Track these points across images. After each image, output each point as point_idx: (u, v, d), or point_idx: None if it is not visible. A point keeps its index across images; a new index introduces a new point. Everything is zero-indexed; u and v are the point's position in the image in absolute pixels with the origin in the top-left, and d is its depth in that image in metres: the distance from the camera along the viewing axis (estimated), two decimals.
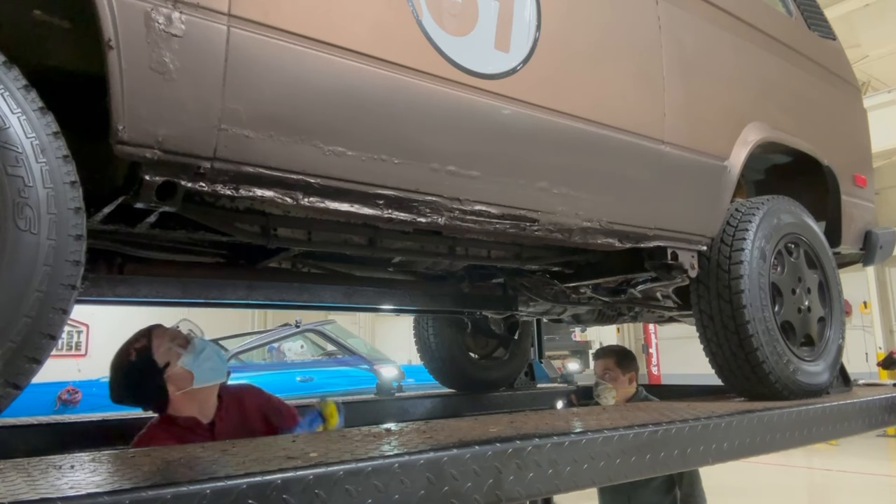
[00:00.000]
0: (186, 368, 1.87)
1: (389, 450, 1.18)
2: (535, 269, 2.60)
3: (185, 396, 1.87)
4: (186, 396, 1.88)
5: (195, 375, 1.88)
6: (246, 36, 1.25)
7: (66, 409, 6.03)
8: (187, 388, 1.87)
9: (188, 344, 1.91)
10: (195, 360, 1.88)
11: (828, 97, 2.91)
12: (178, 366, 1.86)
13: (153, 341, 1.87)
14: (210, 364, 1.92)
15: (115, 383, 1.87)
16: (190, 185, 1.23)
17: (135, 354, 1.85)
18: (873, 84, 12.55)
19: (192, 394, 1.88)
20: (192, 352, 1.89)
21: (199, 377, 1.89)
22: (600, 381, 3.23)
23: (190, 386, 1.87)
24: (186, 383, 1.87)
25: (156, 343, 1.87)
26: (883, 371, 9.68)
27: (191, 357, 1.88)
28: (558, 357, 11.52)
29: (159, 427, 1.89)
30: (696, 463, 1.64)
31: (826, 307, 2.45)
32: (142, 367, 1.83)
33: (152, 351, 1.85)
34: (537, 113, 1.73)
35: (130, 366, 1.84)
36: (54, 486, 0.90)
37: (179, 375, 1.86)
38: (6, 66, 1.02)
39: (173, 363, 1.86)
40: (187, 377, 1.87)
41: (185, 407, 1.88)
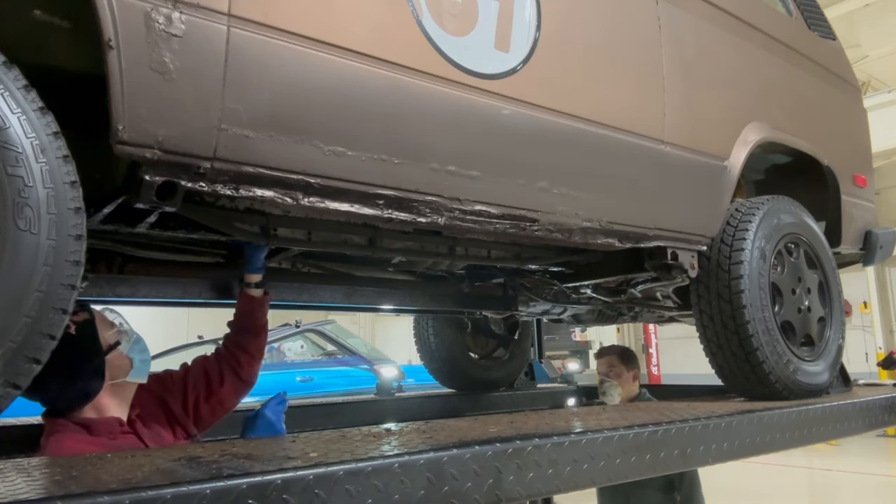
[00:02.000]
0: (127, 356, 1.62)
1: (389, 450, 1.18)
2: (535, 269, 2.60)
3: (114, 389, 1.60)
4: (116, 389, 1.61)
5: (134, 366, 1.63)
6: (246, 36, 1.25)
7: None
8: (122, 379, 1.61)
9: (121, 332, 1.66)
10: (134, 349, 1.65)
11: (828, 97, 2.91)
12: (119, 351, 1.61)
13: (97, 318, 1.61)
14: (145, 357, 1.67)
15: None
16: (190, 185, 1.23)
17: (74, 328, 1.52)
18: (873, 84, 12.56)
19: (121, 387, 1.62)
20: (130, 340, 1.65)
21: (137, 369, 1.64)
22: (605, 379, 3.21)
23: (125, 377, 1.62)
24: (123, 373, 1.61)
25: (101, 320, 1.61)
26: (883, 371, 9.69)
27: (129, 345, 1.64)
28: (558, 357, 11.53)
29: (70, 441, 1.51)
30: (696, 463, 1.64)
31: (826, 307, 2.45)
32: (84, 343, 1.54)
33: (98, 328, 1.59)
34: (537, 113, 1.73)
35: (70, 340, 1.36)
36: (54, 486, 0.90)
37: (117, 363, 1.60)
38: (6, 66, 1.02)
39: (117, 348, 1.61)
40: (125, 366, 1.62)
41: (107, 404, 1.59)
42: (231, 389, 1.91)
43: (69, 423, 1.55)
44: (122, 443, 1.56)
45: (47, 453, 1.50)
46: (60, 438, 1.52)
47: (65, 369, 1.50)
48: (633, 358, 3.30)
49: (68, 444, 1.50)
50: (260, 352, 1.98)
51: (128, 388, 1.66)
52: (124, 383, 1.63)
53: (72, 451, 1.45)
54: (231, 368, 1.91)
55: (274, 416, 1.83)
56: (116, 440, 1.56)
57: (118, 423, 1.60)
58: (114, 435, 1.57)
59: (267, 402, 1.86)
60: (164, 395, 1.80)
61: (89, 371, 1.56)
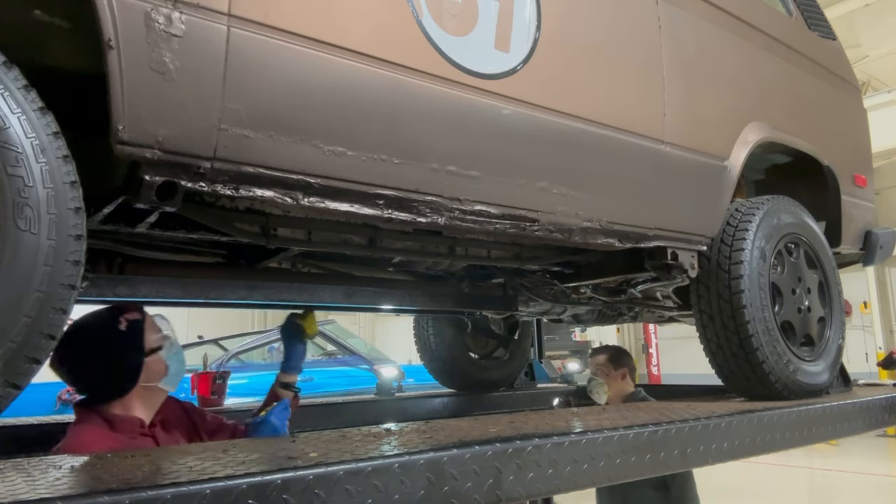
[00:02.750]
0: (165, 363, 1.69)
1: (389, 450, 1.18)
2: (535, 269, 2.60)
3: (144, 392, 1.66)
4: (145, 392, 1.66)
5: (168, 373, 1.70)
6: (246, 36, 1.25)
7: (66, 409, 6.03)
8: (154, 384, 1.67)
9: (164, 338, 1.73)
10: (172, 358, 1.71)
11: (828, 97, 2.91)
12: (160, 356, 1.68)
13: (147, 321, 1.69)
14: (180, 368, 1.74)
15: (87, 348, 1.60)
16: (190, 185, 1.23)
17: (125, 325, 1.63)
18: (873, 84, 12.56)
19: (151, 391, 1.68)
20: (171, 349, 1.72)
21: (170, 377, 1.71)
22: (593, 378, 3.25)
23: (157, 382, 1.67)
24: (157, 378, 1.67)
25: (149, 323, 1.69)
26: (883, 371, 9.69)
27: (170, 353, 1.71)
28: (558, 357, 11.51)
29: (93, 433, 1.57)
30: (697, 463, 1.64)
31: (826, 307, 2.45)
32: (130, 340, 1.63)
33: (145, 330, 1.67)
34: (537, 113, 1.73)
35: (117, 334, 1.61)
36: (54, 486, 0.90)
37: (155, 367, 1.66)
38: (6, 66, 1.02)
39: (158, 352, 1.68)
40: (161, 371, 1.68)
41: (137, 405, 1.64)
42: None
43: (96, 415, 1.61)
44: (139, 443, 1.60)
45: (68, 441, 1.56)
46: (83, 429, 1.59)
47: (106, 362, 1.60)
48: (623, 358, 3.30)
49: (89, 435, 1.55)
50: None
51: (157, 394, 1.71)
52: (155, 388, 1.68)
53: (90, 442, 1.51)
54: None
55: (279, 421, 1.84)
56: (135, 440, 1.61)
57: (139, 424, 1.65)
58: (133, 435, 1.62)
59: (272, 408, 1.88)
60: (196, 419, 1.88)
61: (128, 368, 1.62)
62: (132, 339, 1.64)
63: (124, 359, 1.62)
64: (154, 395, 1.70)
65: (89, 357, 1.61)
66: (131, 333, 1.64)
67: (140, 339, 1.65)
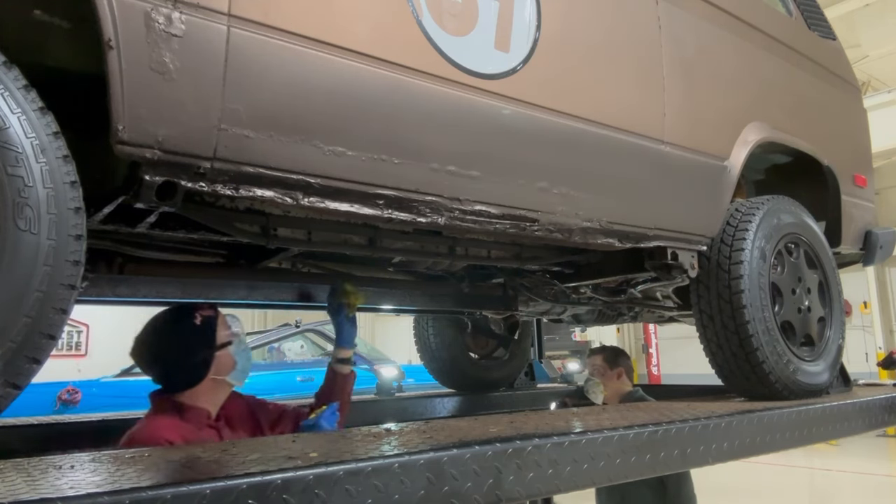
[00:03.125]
0: (234, 358, 1.80)
1: (389, 450, 1.18)
2: (535, 269, 2.60)
3: (213, 384, 1.78)
4: (214, 385, 1.78)
5: (236, 368, 1.81)
6: (246, 36, 1.25)
7: (66, 409, 6.03)
8: (222, 377, 1.79)
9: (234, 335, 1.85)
10: (241, 354, 1.83)
11: (828, 97, 2.91)
12: (229, 351, 1.79)
13: (219, 318, 1.81)
14: (247, 365, 1.85)
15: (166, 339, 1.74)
16: (190, 185, 1.23)
17: (200, 320, 1.76)
18: (873, 84, 12.55)
19: (219, 384, 1.79)
20: (240, 346, 1.83)
21: (237, 372, 1.82)
22: (589, 378, 3.27)
23: (225, 376, 1.79)
24: (225, 372, 1.79)
25: (221, 321, 1.81)
26: (883, 371, 9.69)
27: (238, 349, 1.82)
28: (558, 357, 11.50)
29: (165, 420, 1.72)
30: (697, 463, 1.64)
31: (826, 307, 2.45)
32: (202, 334, 1.75)
33: (217, 326, 1.78)
34: (537, 113, 1.73)
35: (191, 328, 1.74)
36: (54, 486, 0.90)
37: (224, 361, 1.78)
38: (6, 66, 1.02)
39: (227, 348, 1.79)
40: (229, 366, 1.79)
41: (205, 397, 1.77)
42: None
43: (168, 404, 1.75)
44: (205, 434, 1.73)
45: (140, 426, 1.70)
46: (156, 416, 1.73)
47: (180, 353, 1.73)
48: (619, 357, 3.31)
49: (160, 422, 1.69)
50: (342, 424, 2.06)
51: (224, 388, 1.82)
52: (223, 382, 1.80)
53: (162, 429, 1.65)
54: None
55: (329, 425, 1.87)
56: (202, 430, 1.74)
57: (206, 416, 1.77)
58: (200, 425, 1.74)
59: (322, 412, 1.91)
60: (259, 413, 1.97)
61: (200, 360, 1.74)
62: (205, 334, 1.76)
63: (196, 351, 1.74)
64: (221, 389, 1.81)
65: (165, 349, 1.74)
66: (204, 328, 1.76)
67: (212, 335, 1.76)
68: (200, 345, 1.75)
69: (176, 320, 1.77)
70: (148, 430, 1.66)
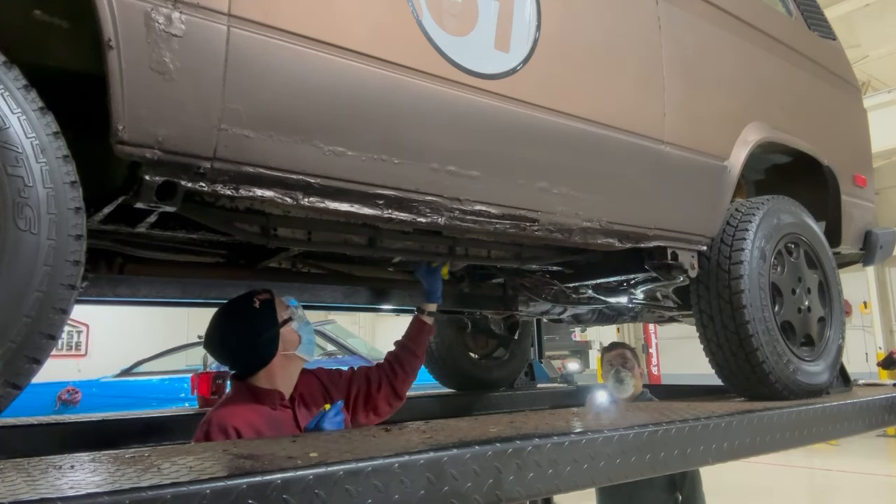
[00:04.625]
0: (297, 332, 1.89)
1: (389, 450, 1.18)
2: (535, 269, 2.60)
3: (285, 361, 1.87)
4: (286, 361, 1.88)
5: (302, 342, 1.90)
6: (246, 36, 1.25)
7: (66, 409, 6.03)
8: (291, 352, 1.88)
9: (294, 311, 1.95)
10: (303, 328, 1.92)
11: (828, 97, 2.91)
12: (291, 327, 1.88)
13: (275, 297, 1.90)
14: (311, 338, 1.94)
15: (232, 327, 1.85)
16: (190, 185, 1.23)
17: (259, 303, 1.86)
18: (873, 84, 12.55)
19: (290, 360, 1.89)
20: (300, 321, 1.93)
21: (304, 346, 1.91)
22: (621, 369, 3.15)
23: (294, 350, 1.88)
24: (293, 346, 1.88)
25: (278, 301, 1.90)
26: (883, 371, 9.68)
27: (300, 324, 1.92)
28: (558, 357, 11.52)
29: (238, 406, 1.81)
30: (697, 463, 1.64)
31: (826, 307, 2.45)
32: (264, 315, 1.85)
33: (276, 305, 1.88)
34: (537, 113, 1.73)
35: (255, 312, 1.84)
36: (54, 486, 0.90)
37: (289, 337, 1.87)
38: (6, 66, 1.02)
39: (289, 324, 1.88)
40: (295, 341, 1.89)
41: (278, 374, 1.86)
42: (385, 398, 2.15)
43: (244, 387, 1.85)
44: (279, 415, 1.83)
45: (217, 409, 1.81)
46: (232, 400, 1.84)
47: (247, 337, 1.83)
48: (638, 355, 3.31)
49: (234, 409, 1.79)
50: (414, 372, 2.24)
51: (295, 363, 1.92)
52: (293, 356, 1.90)
53: (233, 416, 1.75)
54: (388, 380, 2.16)
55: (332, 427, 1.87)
56: (276, 410, 1.84)
57: (280, 397, 1.86)
58: (274, 406, 1.84)
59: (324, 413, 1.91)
60: (331, 386, 2.05)
61: (267, 339, 1.84)
62: (266, 314, 1.85)
63: (262, 331, 1.84)
64: (292, 364, 1.91)
65: (233, 335, 1.86)
66: (265, 309, 1.86)
67: (273, 313, 1.86)
68: (264, 324, 1.84)
69: (237, 308, 1.87)
70: (221, 415, 1.78)
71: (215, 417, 1.77)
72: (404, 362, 2.21)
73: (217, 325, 1.88)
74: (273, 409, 1.83)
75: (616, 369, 3.17)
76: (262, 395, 1.84)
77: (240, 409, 1.79)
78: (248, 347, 1.85)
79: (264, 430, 1.76)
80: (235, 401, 1.84)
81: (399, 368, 2.19)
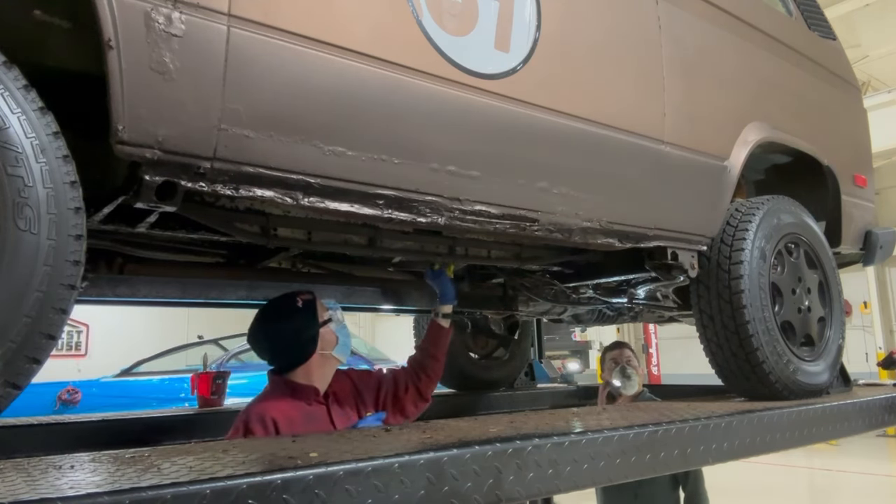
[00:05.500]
0: (335, 334, 2.00)
1: (389, 450, 1.18)
2: (535, 269, 2.60)
3: (322, 360, 1.97)
4: (323, 360, 1.97)
5: (339, 343, 1.99)
6: (246, 36, 1.25)
7: (66, 409, 6.03)
8: (328, 352, 1.98)
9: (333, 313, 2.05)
10: (340, 331, 2.02)
11: (828, 97, 2.91)
12: (330, 328, 1.98)
13: (316, 298, 2.00)
14: (347, 341, 2.04)
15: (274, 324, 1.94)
16: (190, 185, 1.23)
17: (302, 303, 1.95)
18: (873, 84, 12.55)
19: (326, 359, 1.98)
20: (339, 323, 2.03)
21: (340, 347, 2.00)
22: (627, 366, 3.13)
23: (331, 350, 1.98)
24: (330, 347, 1.98)
25: (319, 303, 2.00)
26: (883, 371, 9.68)
27: (338, 326, 2.02)
28: (558, 357, 11.51)
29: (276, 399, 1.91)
30: (697, 463, 1.65)
31: (826, 307, 2.45)
32: (306, 315, 1.95)
33: (317, 306, 1.98)
34: (537, 113, 1.73)
35: (297, 311, 1.94)
36: (54, 486, 0.90)
37: (327, 337, 1.97)
38: (6, 66, 1.02)
39: (328, 325, 1.98)
40: (333, 341, 1.98)
41: (315, 372, 1.95)
42: (412, 400, 2.22)
43: (282, 382, 1.95)
44: (314, 410, 1.93)
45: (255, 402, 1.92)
46: (271, 394, 1.94)
47: (290, 333, 1.93)
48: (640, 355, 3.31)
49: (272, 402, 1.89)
50: (437, 375, 2.31)
51: (331, 362, 2.01)
52: (330, 356, 1.99)
53: (271, 408, 1.85)
54: (414, 384, 2.23)
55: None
56: (311, 406, 1.93)
57: (315, 393, 1.96)
58: (310, 401, 1.93)
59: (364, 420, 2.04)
60: (361, 386, 2.13)
61: (307, 338, 1.94)
62: (308, 314, 1.95)
63: (303, 330, 1.94)
64: (328, 363, 2.00)
65: (275, 332, 1.95)
66: (307, 309, 1.96)
67: (314, 314, 1.96)
68: (305, 324, 1.94)
69: (281, 306, 1.97)
70: (259, 407, 1.88)
71: (255, 409, 1.86)
72: (427, 367, 2.28)
73: (261, 322, 1.96)
74: (308, 405, 1.92)
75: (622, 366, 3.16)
76: (299, 390, 1.93)
77: (278, 402, 1.88)
78: (288, 344, 1.94)
79: (300, 423, 1.84)
80: (274, 394, 1.93)
81: (422, 373, 2.26)
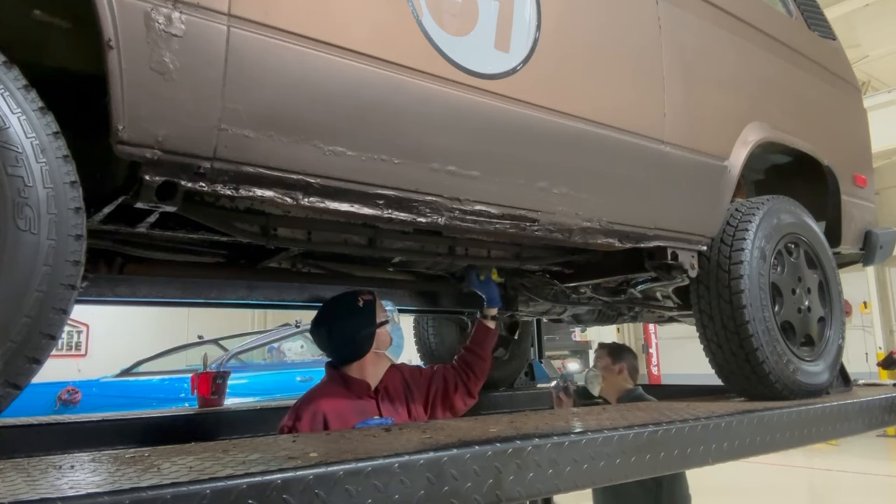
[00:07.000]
0: (390, 335, 2.14)
1: (389, 450, 1.18)
2: (535, 269, 2.60)
3: (375, 358, 2.11)
4: (376, 358, 2.11)
5: (392, 343, 2.14)
6: (246, 36, 1.24)
7: (66, 409, 6.03)
8: (382, 350, 2.12)
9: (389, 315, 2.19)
10: (395, 332, 2.17)
11: (828, 97, 2.91)
12: (386, 328, 2.13)
13: (376, 299, 2.15)
14: (400, 342, 2.20)
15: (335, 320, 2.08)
16: (190, 185, 1.23)
17: (363, 303, 2.10)
18: (873, 84, 12.54)
19: (380, 358, 2.12)
20: (394, 324, 2.18)
21: (394, 347, 2.15)
22: (591, 369, 3.33)
23: (385, 349, 2.13)
24: (384, 346, 2.13)
25: (378, 304, 2.14)
26: (883, 371, 9.67)
27: (393, 328, 2.16)
28: (558, 357, 11.51)
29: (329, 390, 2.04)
30: (697, 463, 1.64)
31: (826, 307, 2.45)
32: (367, 313, 2.09)
33: (376, 307, 2.12)
34: (537, 113, 1.73)
35: (358, 310, 2.08)
36: (54, 486, 0.90)
37: (383, 337, 2.12)
38: (6, 66, 1.02)
39: (385, 326, 2.13)
40: (387, 341, 2.13)
41: (368, 368, 2.08)
42: (461, 398, 2.31)
43: (337, 375, 2.10)
44: (365, 404, 2.04)
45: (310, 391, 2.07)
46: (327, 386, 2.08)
47: (349, 330, 2.07)
48: (623, 353, 3.31)
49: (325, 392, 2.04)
50: (483, 374, 2.38)
51: (383, 361, 2.15)
52: (383, 355, 2.14)
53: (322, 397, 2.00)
54: (463, 381, 2.32)
55: None
56: (362, 399, 2.05)
57: (367, 387, 2.08)
58: (361, 395, 2.06)
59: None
60: (412, 383, 2.23)
61: (365, 335, 2.08)
62: (368, 313, 2.10)
63: (362, 328, 2.08)
64: (381, 362, 2.14)
65: (338, 327, 2.09)
66: (367, 309, 2.10)
67: (373, 313, 2.11)
68: (365, 322, 2.08)
69: (343, 304, 2.11)
70: (312, 394, 2.04)
71: (310, 400, 1.99)
72: (473, 366, 2.34)
73: (323, 317, 2.11)
74: (359, 398, 2.04)
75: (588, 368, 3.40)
76: (352, 383, 2.06)
77: (331, 395, 2.02)
78: (346, 341, 2.08)
79: (350, 418, 1.95)
80: (329, 387, 2.07)
81: (470, 371, 2.33)
